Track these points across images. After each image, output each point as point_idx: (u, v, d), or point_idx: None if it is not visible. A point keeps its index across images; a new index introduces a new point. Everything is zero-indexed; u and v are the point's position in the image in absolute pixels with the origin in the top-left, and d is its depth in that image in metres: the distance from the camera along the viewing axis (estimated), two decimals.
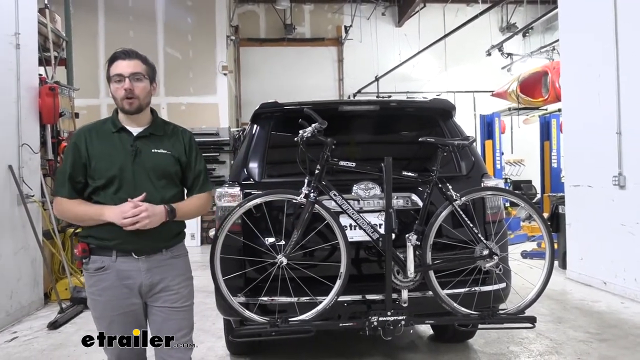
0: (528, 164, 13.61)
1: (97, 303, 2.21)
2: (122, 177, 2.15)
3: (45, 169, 6.09)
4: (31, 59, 5.78)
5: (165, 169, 2.24)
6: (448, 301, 2.92)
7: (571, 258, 6.44)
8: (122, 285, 2.18)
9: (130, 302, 2.21)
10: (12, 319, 5.04)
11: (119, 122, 2.24)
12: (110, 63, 2.22)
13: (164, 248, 2.25)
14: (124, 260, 2.17)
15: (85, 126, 2.31)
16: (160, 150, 2.24)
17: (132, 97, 2.17)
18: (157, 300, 2.25)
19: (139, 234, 2.12)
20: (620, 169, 5.42)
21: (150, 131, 2.27)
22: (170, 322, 2.26)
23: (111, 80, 2.20)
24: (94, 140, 2.20)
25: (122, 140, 2.21)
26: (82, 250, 2.18)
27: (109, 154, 2.17)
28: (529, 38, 14.63)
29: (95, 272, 2.18)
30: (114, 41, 11.23)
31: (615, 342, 4.07)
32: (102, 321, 2.22)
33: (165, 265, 2.24)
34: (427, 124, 3.52)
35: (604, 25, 5.55)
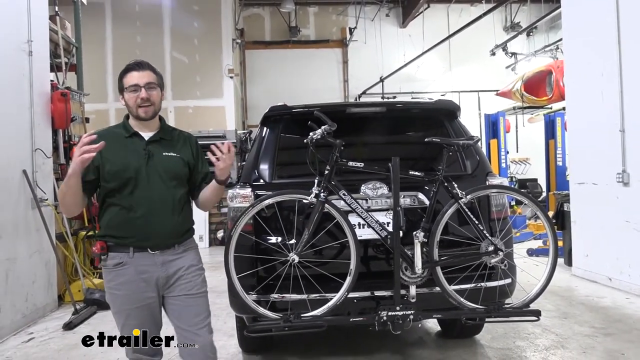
0: (533, 162, 13.66)
1: (116, 297, 2.33)
2: (137, 178, 2.29)
3: (57, 173, 6.21)
4: (43, 65, 5.91)
5: (176, 171, 2.40)
6: (455, 296, 3.00)
7: (576, 255, 6.50)
8: (140, 279, 2.31)
9: (147, 296, 2.34)
10: (28, 320, 5.16)
11: (131, 128, 2.39)
12: (124, 75, 2.37)
13: (177, 243, 2.40)
14: (141, 256, 2.31)
15: (98, 132, 2.43)
16: (170, 154, 2.40)
17: (148, 105, 2.33)
18: (173, 291, 2.39)
19: (153, 231, 2.30)
20: (624, 167, 5.48)
21: (161, 136, 2.43)
22: (189, 309, 2.40)
23: (126, 91, 2.35)
24: (109, 145, 2.27)
25: (135, 144, 2.36)
26: (100, 248, 2.30)
27: (124, 157, 2.31)
28: (533, 37, 14.68)
29: (113, 267, 2.31)
30: (122, 47, 11.42)
31: (620, 336, 4.14)
32: (120, 315, 2.35)
33: (178, 258, 2.40)
34: (433, 124, 3.59)
35: (607, 24, 5.61)
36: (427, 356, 3.90)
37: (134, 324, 2.34)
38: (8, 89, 5.13)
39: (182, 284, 2.39)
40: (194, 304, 2.41)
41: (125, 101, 2.37)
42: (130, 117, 2.42)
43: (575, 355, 3.77)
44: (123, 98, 2.38)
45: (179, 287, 2.39)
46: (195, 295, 2.42)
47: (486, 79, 14.61)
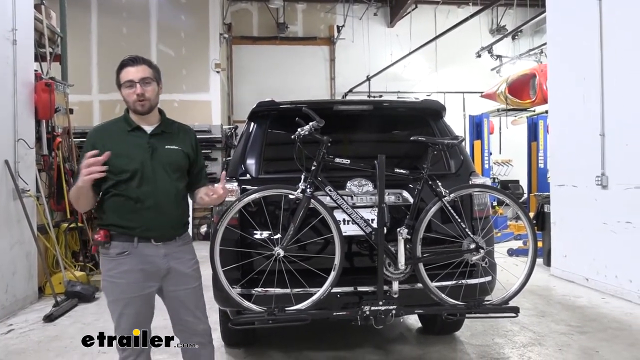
0: (516, 164, 13.85)
1: (116, 286, 2.35)
2: (143, 171, 2.33)
3: (40, 164, 6.14)
4: (27, 55, 5.84)
5: (178, 163, 2.45)
6: (437, 292, 3.06)
7: (555, 255, 6.64)
8: (142, 269, 2.35)
9: (147, 285, 2.39)
10: (7, 312, 5.11)
11: (133, 122, 2.42)
12: (120, 70, 2.39)
13: (177, 235, 2.46)
14: (145, 246, 2.36)
15: (99, 126, 2.50)
16: (172, 147, 2.44)
17: (144, 100, 2.36)
18: (173, 282, 2.44)
19: (158, 222, 2.35)
20: (603, 170, 5.60)
21: (162, 129, 2.47)
22: (188, 299, 2.49)
23: (122, 87, 2.38)
24: (112, 139, 2.36)
25: (138, 138, 2.40)
26: (104, 236, 2.33)
27: (128, 151, 2.35)
28: (518, 40, 14.90)
29: (116, 256, 2.34)
30: (107, 38, 11.30)
31: (595, 335, 4.25)
32: (118, 303, 2.36)
33: (178, 252, 2.46)
34: (418, 123, 3.64)
35: (590, 30, 5.73)
36: (407, 352, 3.96)
37: (131, 313, 2.37)
38: None
39: (182, 276, 2.45)
40: (193, 294, 2.50)
41: (123, 96, 2.40)
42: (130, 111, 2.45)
43: (552, 353, 3.87)
44: (121, 93, 2.41)
45: (178, 279, 2.45)
46: (194, 287, 2.51)
47: (471, 80, 14.77)
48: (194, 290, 2.51)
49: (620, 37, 5.38)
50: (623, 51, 5.34)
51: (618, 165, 5.43)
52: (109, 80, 12.47)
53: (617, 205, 5.44)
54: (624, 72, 5.32)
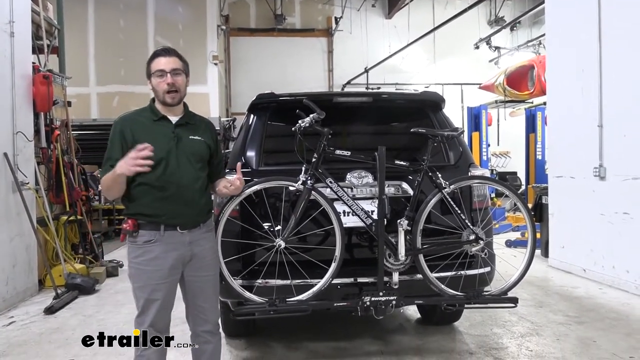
0: (514, 155, 13.89)
1: (143, 272, 2.42)
2: (168, 160, 2.39)
3: (39, 156, 6.13)
4: (25, 47, 5.81)
5: (201, 154, 2.52)
6: (436, 283, 3.09)
7: (553, 247, 6.68)
8: (169, 256, 2.42)
9: (173, 272, 2.46)
10: (8, 305, 5.13)
11: (158, 112, 2.48)
12: (151, 60, 2.45)
13: (202, 222, 2.54)
14: (171, 234, 2.42)
15: (126, 115, 2.53)
16: (196, 137, 2.51)
17: (175, 91, 2.42)
18: (195, 269, 2.52)
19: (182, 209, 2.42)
20: (600, 161, 5.62)
21: (186, 120, 2.53)
22: (207, 286, 2.59)
23: (153, 76, 2.44)
24: (138, 128, 2.42)
25: (164, 127, 2.46)
26: (132, 225, 2.39)
27: (155, 140, 2.37)
28: (517, 32, 14.88)
29: (143, 244, 2.41)
30: (104, 30, 11.25)
31: (592, 325, 4.29)
32: (145, 289, 2.42)
33: (202, 239, 2.54)
34: (418, 115, 3.65)
35: (589, 21, 5.73)
36: (407, 342, 3.99)
37: (157, 299, 2.43)
38: None
39: (203, 263, 2.54)
40: (212, 282, 2.62)
41: (152, 86, 2.45)
42: (156, 102, 2.49)
43: (549, 342, 3.90)
44: (150, 83, 2.46)
45: (199, 266, 2.53)
46: (213, 274, 2.63)
47: (469, 72, 14.77)
48: (212, 278, 2.61)
49: (619, 28, 5.38)
50: (622, 43, 5.34)
51: (616, 157, 5.45)
52: (106, 72, 12.45)
53: (614, 197, 5.46)
54: (623, 63, 5.33)
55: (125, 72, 11.09)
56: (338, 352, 3.81)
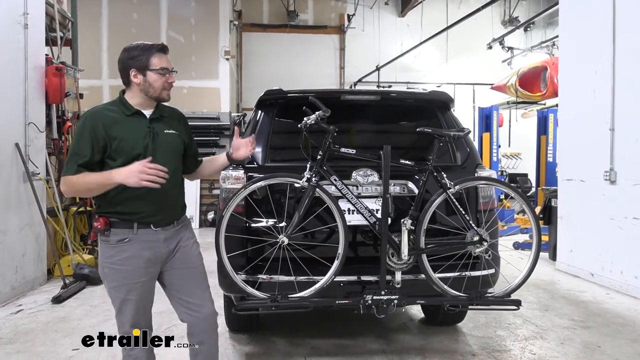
0: (525, 157, 13.75)
1: (118, 272, 2.34)
2: (145, 155, 2.28)
3: (50, 147, 6.21)
4: (38, 39, 5.87)
5: (177, 148, 2.47)
6: (439, 283, 3.08)
7: (561, 250, 6.62)
8: (143, 255, 2.34)
9: (149, 271, 2.39)
10: (17, 293, 5.20)
11: (131, 106, 2.37)
12: (153, 54, 2.35)
13: (175, 220, 2.46)
14: (145, 232, 2.34)
15: (96, 109, 2.36)
16: (171, 131, 2.44)
17: (171, 89, 2.41)
18: (173, 264, 2.45)
19: (159, 207, 2.35)
20: (611, 165, 5.56)
21: (160, 114, 2.45)
22: (189, 281, 2.48)
23: (152, 71, 2.33)
24: (112, 123, 2.29)
25: (138, 122, 2.36)
26: (104, 224, 2.30)
27: (130, 135, 2.31)
28: (531, 32, 14.70)
29: (116, 243, 2.32)
30: (117, 23, 11.32)
31: (598, 330, 4.26)
32: (120, 289, 2.35)
33: (177, 234, 2.47)
34: (426, 114, 3.64)
35: (603, 22, 5.66)
36: (409, 341, 3.99)
37: (134, 299, 2.37)
38: (3, 62, 5.11)
39: (182, 256, 2.47)
40: (194, 275, 2.50)
41: (147, 81, 2.33)
42: (129, 95, 2.38)
43: (553, 346, 3.88)
44: (143, 76, 2.33)
45: (178, 260, 2.46)
46: (194, 267, 2.51)
47: (482, 72, 14.66)
48: (194, 271, 2.50)
49: (633, 30, 5.31)
50: (636, 45, 5.27)
51: (627, 161, 5.39)
52: None
53: (625, 201, 5.40)
54: (636, 66, 5.26)
55: None
56: (340, 349, 3.82)
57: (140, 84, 2.34)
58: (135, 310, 2.39)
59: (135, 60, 2.34)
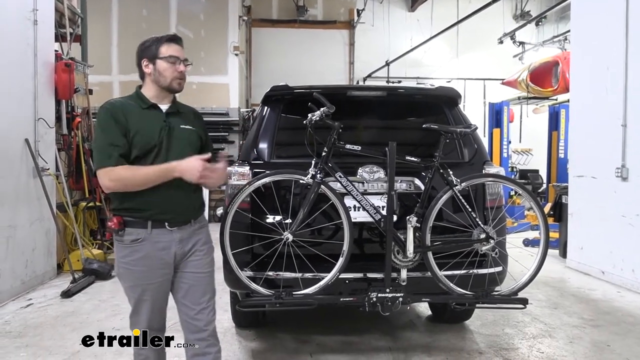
0: (536, 153, 13.63)
1: (131, 273, 2.29)
2: (159, 149, 2.26)
3: (59, 143, 6.25)
4: (48, 35, 5.91)
5: (193, 143, 2.40)
6: (445, 281, 3.05)
7: (571, 247, 6.54)
8: (157, 256, 2.28)
9: (164, 272, 2.32)
10: (27, 287, 5.26)
11: (147, 100, 2.34)
12: (161, 43, 2.32)
13: (192, 219, 2.38)
14: (159, 232, 2.28)
15: (113, 101, 2.33)
16: (187, 127, 2.39)
17: (182, 79, 2.35)
18: (185, 267, 2.38)
19: (172, 204, 2.27)
20: (623, 161, 5.48)
21: (177, 109, 2.41)
22: (196, 287, 2.40)
23: (162, 60, 2.30)
24: (129, 114, 2.26)
25: (155, 116, 2.32)
26: (118, 223, 2.25)
27: (147, 128, 2.27)
28: (542, 27, 14.54)
29: (130, 243, 2.26)
30: (127, 19, 11.36)
31: (608, 328, 4.20)
32: (135, 289, 2.31)
33: (194, 235, 2.39)
34: (433, 111, 3.61)
35: (615, 17, 5.57)
36: (416, 339, 3.97)
37: (148, 299, 2.33)
38: (13, 58, 5.14)
39: (194, 260, 2.39)
40: (202, 282, 2.41)
41: (157, 70, 2.30)
42: (145, 89, 2.36)
43: (562, 345, 3.84)
44: (153, 65, 2.30)
45: (190, 264, 2.38)
46: (204, 273, 2.42)
47: (493, 67, 14.53)
48: (202, 278, 2.41)
49: None
50: None
51: (639, 157, 5.30)
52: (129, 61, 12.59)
53: (636, 198, 5.32)
54: None
55: None
56: (346, 346, 3.81)
57: (151, 73, 2.32)
58: (150, 310, 2.35)
59: (146, 51, 2.33)
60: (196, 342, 2.40)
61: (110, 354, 3.51)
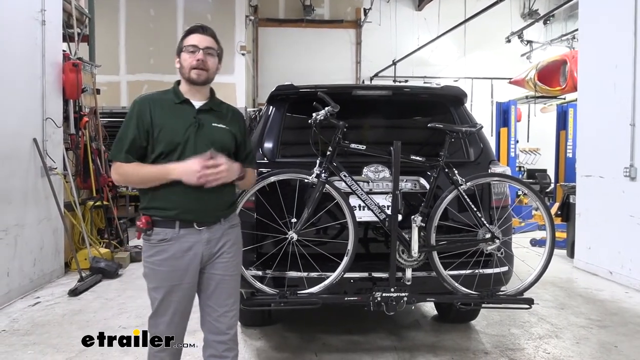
0: (544, 153, 13.54)
1: (157, 273, 2.25)
2: (185, 146, 2.21)
3: (67, 142, 6.30)
4: (56, 35, 5.95)
5: (224, 143, 2.31)
6: (450, 281, 3.04)
7: (579, 247, 6.50)
8: (184, 256, 2.23)
9: (190, 274, 2.27)
10: (35, 285, 5.30)
11: (181, 94, 2.30)
12: (186, 36, 2.30)
13: (222, 217, 2.32)
14: (187, 232, 2.23)
15: (146, 95, 2.33)
16: (220, 125, 2.31)
17: (202, 69, 2.25)
18: (212, 268, 2.32)
19: (199, 202, 2.21)
20: (632, 161, 5.44)
21: (210, 106, 2.34)
22: (221, 290, 2.35)
23: (183, 51, 2.27)
24: (158, 109, 2.23)
25: (185, 111, 2.28)
26: (146, 223, 2.21)
27: (174, 124, 2.23)
28: (551, 25, 14.43)
29: (158, 242, 2.22)
30: (135, 19, 11.41)
31: (615, 329, 4.17)
32: (160, 290, 2.25)
33: (224, 236, 2.33)
34: (438, 110, 3.60)
35: (624, 15, 5.52)
36: (421, 338, 3.96)
37: (172, 302, 2.26)
38: (21, 58, 5.19)
39: (222, 262, 2.33)
40: (228, 285, 2.37)
41: (180, 62, 2.28)
42: (181, 84, 2.33)
43: (568, 345, 3.81)
44: (179, 58, 2.29)
45: (217, 265, 2.32)
46: (231, 276, 2.38)
47: (500, 66, 14.45)
48: (229, 281, 2.37)
49: None
50: None
51: None
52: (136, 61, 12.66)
53: None
54: None
55: (155, 61, 11.25)
56: (352, 345, 3.81)
57: (179, 68, 2.29)
58: (172, 314, 2.27)
59: (178, 45, 2.31)
60: (215, 344, 2.36)
61: (117, 351, 3.53)
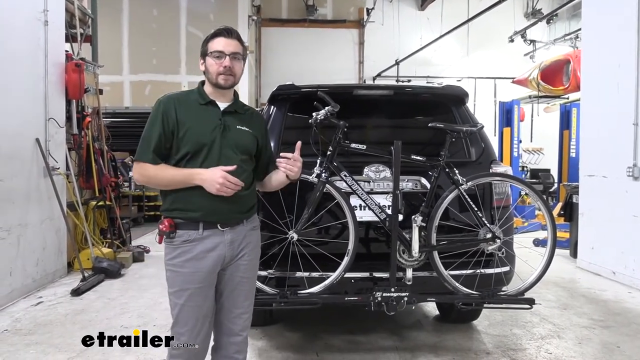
0: (548, 152, 13.51)
1: (178, 275, 2.21)
2: (211, 148, 2.20)
3: (70, 143, 6.32)
4: (58, 36, 5.97)
5: (247, 146, 2.30)
6: (450, 281, 3.04)
7: (582, 247, 6.48)
8: (207, 257, 2.21)
9: (212, 276, 2.25)
10: (38, 285, 5.32)
11: (207, 96, 2.28)
12: (211, 39, 2.26)
13: (245, 219, 2.31)
14: (210, 233, 2.21)
15: (171, 95, 2.30)
16: (244, 128, 2.30)
17: (230, 74, 2.23)
18: (233, 269, 2.30)
19: (222, 204, 2.19)
20: (635, 161, 5.41)
21: (235, 108, 2.33)
22: (238, 292, 2.34)
23: (209, 56, 2.24)
24: (183, 110, 2.22)
25: (210, 113, 2.26)
26: (169, 226, 2.19)
27: (200, 124, 2.21)
28: (554, 25, 14.39)
29: (181, 243, 2.20)
30: (138, 20, 11.45)
31: (618, 329, 4.15)
32: (180, 294, 2.21)
33: (246, 237, 2.32)
34: (440, 109, 3.59)
35: (627, 15, 5.50)
36: (423, 339, 3.95)
37: (194, 305, 2.22)
38: (23, 59, 5.20)
39: (243, 264, 2.32)
40: (245, 287, 2.35)
41: (205, 66, 2.26)
42: (205, 84, 2.31)
43: (571, 346, 3.80)
44: (204, 63, 2.26)
45: (238, 266, 2.31)
46: (249, 278, 2.37)
47: (503, 65, 14.43)
48: (247, 283, 2.36)
49: None
50: None
51: None
52: (139, 61, 12.69)
53: None
54: None
55: (158, 61, 11.30)
56: (353, 345, 3.81)
57: (204, 71, 2.27)
58: (195, 320, 2.22)
59: (201, 48, 2.29)
60: (227, 345, 2.35)
61: (118, 351, 3.53)
